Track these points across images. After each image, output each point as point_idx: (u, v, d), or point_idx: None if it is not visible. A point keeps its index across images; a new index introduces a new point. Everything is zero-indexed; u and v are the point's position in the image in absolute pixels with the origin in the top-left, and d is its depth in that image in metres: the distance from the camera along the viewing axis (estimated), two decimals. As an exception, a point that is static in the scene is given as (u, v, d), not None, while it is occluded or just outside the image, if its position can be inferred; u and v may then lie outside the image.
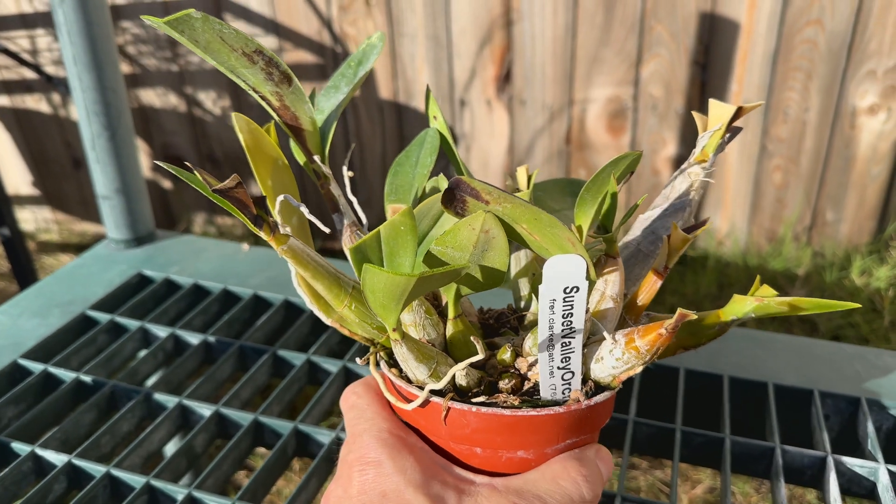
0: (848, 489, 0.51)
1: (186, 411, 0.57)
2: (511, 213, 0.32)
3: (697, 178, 0.38)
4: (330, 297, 0.36)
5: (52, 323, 0.67)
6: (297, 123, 0.37)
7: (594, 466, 0.36)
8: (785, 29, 1.35)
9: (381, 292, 0.30)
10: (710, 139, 0.38)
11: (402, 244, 0.32)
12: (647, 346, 0.33)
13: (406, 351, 0.34)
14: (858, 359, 0.61)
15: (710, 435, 0.53)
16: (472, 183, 0.30)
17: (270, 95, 0.35)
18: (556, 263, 0.30)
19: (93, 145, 0.77)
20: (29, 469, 0.51)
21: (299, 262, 0.34)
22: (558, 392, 0.35)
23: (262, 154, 0.38)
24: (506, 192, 0.31)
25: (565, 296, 0.31)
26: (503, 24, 1.45)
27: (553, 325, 0.32)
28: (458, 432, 0.34)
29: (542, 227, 0.32)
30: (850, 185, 1.47)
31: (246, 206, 0.32)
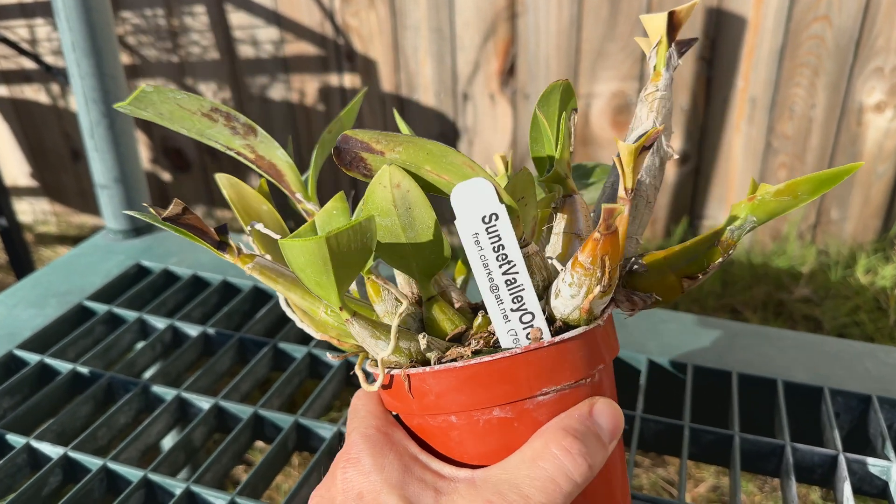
0: (859, 488, 0.50)
1: (185, 404, 0.56)
2: (410, 158, 0.31)
3: (654, 98, 0.35)
4: (305, 306, 0.35)
5: (48, 313, 0.65)
6: (277, 171, 0.38)
7: (585, 430, 0.31)
8: (792, 25, 1.33)
9: (306, 267, 0.29)
10: (657, 55, 0.35)
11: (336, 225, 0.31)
12: (590, 258, 0.30)
13: (359, 329, 0.32)
14: (868, 356, 0.60)
15: (718, 432, 0.52)
16: (359, 135, 0.30)
17: (243, 149, 0.36)
18: (460, 192, 0.29)
19: (91, 133, 0.76)
20: (24, 461, 0.50)
21: (268, 278, 0.34)
22: (521, 338, 0.32)
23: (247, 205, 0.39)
24: (394, 134, 0.30)
25: (487, 226, 0.30)
26: (507, 16, 1.43)
27: (487, 261, 0.30)
28: (425, 401, 0.32)
29: (438, 159, 0.31)
30: (856, 183, 1.46)
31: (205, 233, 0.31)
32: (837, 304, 1.41)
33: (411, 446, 0.34)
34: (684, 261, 0.35)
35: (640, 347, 0.60)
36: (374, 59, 1.55)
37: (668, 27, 0.35)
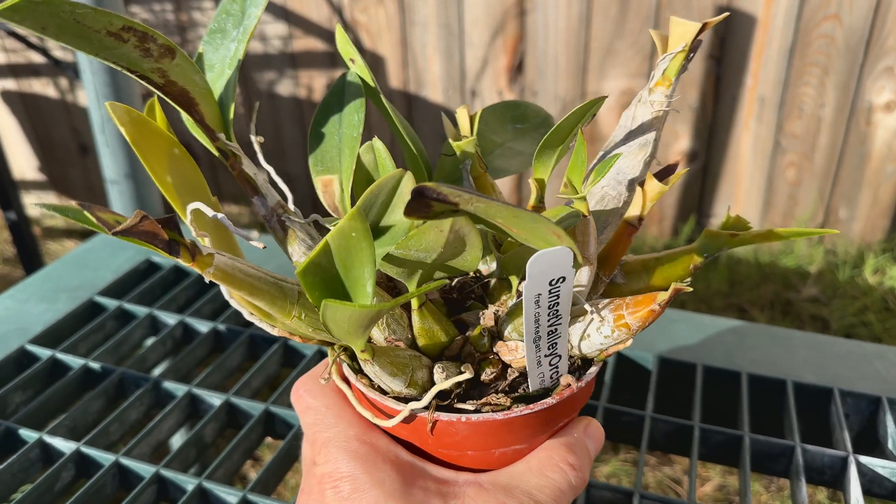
0: (868, 489, 0.50)
1: (196, 400, 0.56)
2: (484, 210, 0.28)
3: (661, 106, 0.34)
4: (274, 312, 0.31)
5: (59, 308, 0.66)
6: (190, 99, 0.32)
7: (582, 449, 0.34)
8: (802, 24, 1.33)
9: (345, 323, 0.28)
10: (672, 61, 0.33)
11: (357, 253, 0.28)
12: (639, 324, 0.31)
13: (378, 369, 0.31)
14: (878, 357, 0.60)
15: (728, 432, 0.52)
16: (438, 188, 0.27)
17: (151, 73, 0.29)
18: (542, 259, 0.28)
19: (102, 129, 0.76)
20: (37, 456, 0.51)
21: (232, 282, 0.29)
22: (546, 379, 0.33)
23: (154, 147, 0.33)
24: (477, 194, 0.27)
25: (551, 288, 0.29)
26: (516, 13, 1.43)
27: (539, 318, 0.30)
28: (446, 440, 0.32)
29: (523, 222, 0.29)
30: (864, 182, 1.45)
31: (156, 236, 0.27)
32: (845, 303, 1.41)
33: (402, 453, 0.33)
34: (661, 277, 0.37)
35: (650, 347, 0.60)
36: (382, 55, 1.55)
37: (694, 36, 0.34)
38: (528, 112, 0.43)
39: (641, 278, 0.37)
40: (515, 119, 0.42)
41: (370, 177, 0.35)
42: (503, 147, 0.41)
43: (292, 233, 0.34)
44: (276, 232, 0.34)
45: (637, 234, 0.35)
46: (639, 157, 0.35)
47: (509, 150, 0.41)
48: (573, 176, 0.32)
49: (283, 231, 0.34)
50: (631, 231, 0.34)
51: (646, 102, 0.34)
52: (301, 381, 0.36)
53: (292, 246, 0.34)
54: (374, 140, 0.35)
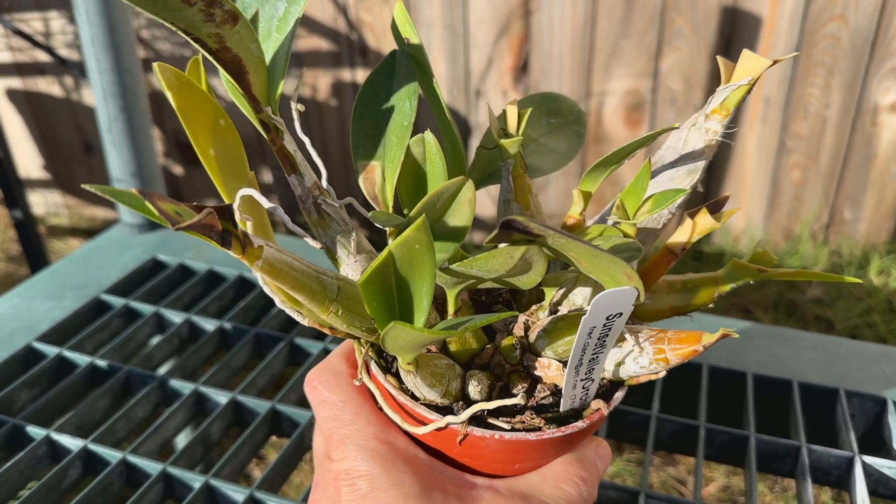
0: (875, 490, 0.50)
1: (202, 398, 0.56)
2: (563, 245, 0.27)
3: (715, 135, 0.33)
4: (314, 306, 0.30)
5: (66, 306, 0.66)
6: (240, 67, 0.30)
7: (593, 466, 0.35)
8: (807, 24, 1.33)
9: (405, 342, 0.27)
10: (734, 92, 0.33)
11: (419, 267, 0.27)
12: (679, 360, 0.31)
13: (419, 380, 0.31)
14: (884, 358, 0.60)
15: (734, 432, 0.52)
16: (526, 224, 0.26)
17: (207, 38, 0.28)
18: (608, 297, 0.28)
19: (109, 128, 0.76)
20: (44, 453, 0.51)
21: (277, 276, 0.28)
22: (577, 400, 0.33)
23: (200, 116, 0.31)
24: (560, 231, 0.26)
25: (606, 322, 0.29)
26: (521, 13, 1.43)
27: (587, 348, 0.30)
28: (473, 452, 0.32)
29: (600, 262, 0.28)
30: (870, 183, 1.45)
31: (213, 228, 0.26)
32: (850, 305, 1.41)
33: (419, 453, 0.33)
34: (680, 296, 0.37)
35: (656, 347, 0.60)
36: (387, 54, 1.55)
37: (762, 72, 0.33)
38: (563, 107, 0.42)
39: (665, 299, 0.37)
40: (550, 113, 0.42)
41: (417, 169, 0.34)
42: (537, 143, 0.41)
43: (326, 216, 0.33)
44: (309, 213, 0.34)
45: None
46: (685, 183, 0.34)
47: (543, 147, 0.41)
48: (628, 200, 0.32)
49: (317, 213, 0.33)
50: (671, 259, 0.34)
51: (700, 128, 0.34)
52: (315, 371, 0.36)
53: (326, 229, 0.33)
54: (427, 133, 0.33)
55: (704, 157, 0.34)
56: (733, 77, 0.33)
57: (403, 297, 0.28)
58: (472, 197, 0.29)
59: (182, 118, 0.30)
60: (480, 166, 0.39)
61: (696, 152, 0.34)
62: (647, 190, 0.32)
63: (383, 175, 0.34)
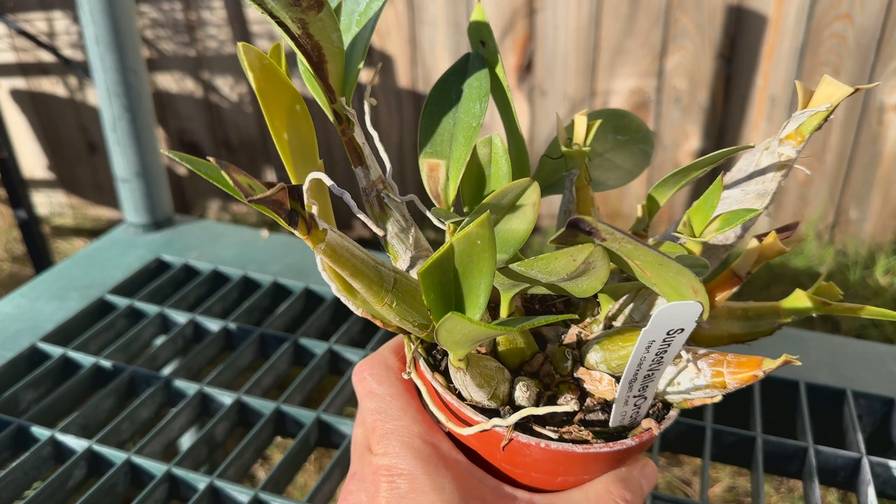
0: (882, 491, 0.50)
1: (207, 399, 0.56)
2: (628, 252, 0.27)
3: (789, 159, 0.32)
4: (369, 296, 0.31)
5: (70, 306, 0.66)
6: (320, 55, 0.30)
7: (638, 486, 0.34)
8: (813, 23, 1.32)
9: (460, 335, 0.27)
10: (811, 118, 0.31)
11: (479, 262, 0.27)
12: (737, 385, 0.30)
13: (469, 379, 0.31)
14: (891, 358, 0.60)
15: (741, 433, 0.51)
16: (594, 224, 0.26)
17: (291, 22, 0.28)
18: (671, 310, 0.27)
19: (113, 127, 0.76)
20: (49, 454, 0.51)
21: (338, 261, 0.29)
22: (627, 417, 0.32)
23: (278, 99, 0.32)
24: (628, 234, 0.26)
25: (667, 337, 0.28)
26: (526, 12, 1.43)
27: (643, 363, 0.29)
28: (516, 459, 0.32)
29: (665, 272, 0.28)
30: (876, 182, 1.45)
31: (282, 205, 0.26)
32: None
33: (462, 459, 0.33)
34: (740, 323, 0.36)
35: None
36: (391, 53, 1.55)
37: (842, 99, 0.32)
38: (630, 124, 0.42)
39: (724, 325, 0.37)
40: (617, 129, 0.41)
41: (482, 171, 0.34)
42: (602, 157, 0.41)
43: (388, 210, 0.34)
44: (371, 206, 0.34)
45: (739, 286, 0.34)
46: (754, 206, 0.33)
47: (608, 162, 0.40)
48: (695, 218, 0.31)
49: (379, 207, 0.34)
50: (736, 282, 0.33)
51: (773, 153, 0.33)
52: (366, 362, 0.36)
53: (386, 223, 0.34)
54: (495, 136, 0.34)
55: (775, 182, 0.33)
56: (811, 103, 0.32)
57: (460, 291, 0.28)
58: (536, 199, 0.29)
59: (261, 100, 0.31)
60: (544, 175, 0.39)
61: (767, 177, 0.33)
62: (716, 209, 0.32)
63: (447, 174, 0.34)
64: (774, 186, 0.33)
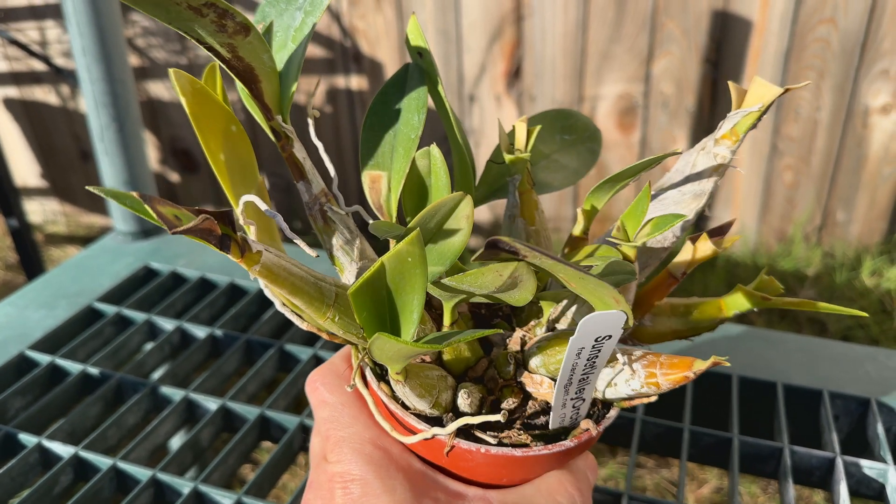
0: (856, 490, 0.50)
1: (192, 405, 0.57)
2: (550, 266, 0.28)
3: (724, 160, 0.33)
4: (311, 312, 0.31)
5: (58, 314, 0.67)
6: (253, 76, 0.31)
7: (585, 477, 0.35)
8: (797, 27, 1.34)
9: (391, 352, 0.28)
10: (745, 118, 0.32)
11: (410, 279, 0.27)
12: (670, 386, 0.31)
13: (408, 390, 0.31)
14: (869, 360, 0.60)
15: (718, 434, 0.52)
16: (513, 244, 0.26)
17: (220, 47, 0.29)
18: (595, 320, 0.28)
19: (101, 137, 0.77)
20: (35, 460, 0.51)
21: (275, 281, 0.29)
22: (567, 419, 0.33)
23: (212, 121, 0.32)
24: (546, 253, 0.27)
25: (595, 343, 0.29)
26: (514, 19, 1.44)
27: (576, 368, 0.30)
28: (461, 464, 0.33)
29: (587, 285, 0.28)
30: (862, 185, 1.46)
31: (212, 232, 0.26)
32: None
33: (415, 462, 0.33)
34: (683, 320, 0.37)
35: (642, 350, 0.60)
36: (380, 61, 1.56)
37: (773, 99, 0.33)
38: (577, 123, 0.42)
39: (668, 322, 0.38)
40: (564, 130, 0.42)
41: (422, 181, 0.34)
42: (549, 159, 0.41)
43: (332, 223, 0.34)
44: (315, 220, 0.34)
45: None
46: (691, 207, 0.34)
47: (554, 163, 0.41)
48: (628, 222, 0.32)
49: (323, 220, 0.34)
50: (672, 282, 0.34)
51: (709, 153, 0.34)
52: (318, 372, 0.36)
53: (331, 236, 0.34)
54: (433, 147, 0.34)
55: (712, 181, 0.34)
56: (744, 103, 0.32)
57: (394, 308, 0.28)
58: (470, 212, 0.30)
59: (194, 123, 0.31)
60: (489, 180, 0.39)
61: (703, 177, 0.34)
62: (647, 213, 0.32)
63: (389, 186, 0.34)
64: (710, 186, 0.33)
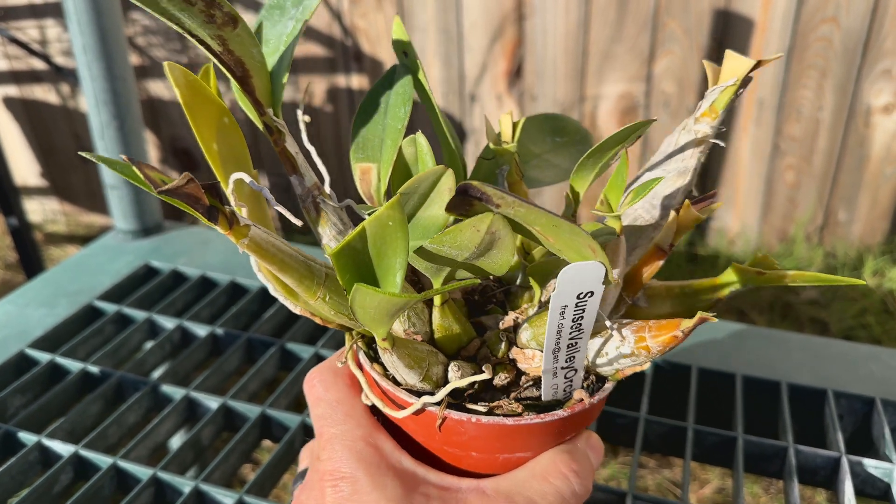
0: (861, 490, 0.50)
1: (193, 403, 0.56)
2: (524, 216, 0.28)
3: (705, 136, 0.34)
4: (301, 290, 0.32)
5: (59, 313, 0.66)
6: (244, 70, 0.31)
7: (585, 458, 0.34)
8: (799, 26, 1.33)
9: (373, 310, 0.28)
10: (722, 94, 0.33)
11: (392, 242, 0.28)
12: (660, 348, 0.31)
13: (396, 359, 0.31)
14: (873, 359, 0.60)
15: (722, 434, 0.52)
16: (483, 188, 0.27)
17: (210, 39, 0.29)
18: (573, 272, 0.28)
19: (101, 135, 0.77)
20: (35, 459, 0.51)
21: (264, 256, 0.30)
22: (560, 391, 0.33)
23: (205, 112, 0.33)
24: (521, 199, 0.27)
25: (578, 301, 0.29)
26: (515, 18, 1.44)
27: (562, 329, 0.30)
28: (453, 439, 0.33)
29: (561, 233, 0.29)
30: (863, 185, 1.45)
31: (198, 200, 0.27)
32: (844, 306, 1.41)
33: (405, 459, 0.33)
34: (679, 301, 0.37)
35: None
36: (381, 60, 1.56)
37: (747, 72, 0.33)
38: (568, 126, 0.43)
39: (664, 304, 0.38)
40: (555, 132, 0.42)
41: (409, 170, 0.35)
42: (540, 158, 0.41)
43: (324, 215, 0.35)
44: (308, 212, 0.35)
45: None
46: (676, 184, 0.34)
47: (546, 162, 0.41)
48: (611, 194, 0.32)
49: (315, 212, 0.35)
50: (660, 255, 0.34)
51: (690, 131, 0.34)
52: (316, 370, 0.36)
53: (323, 228, 0.35)
54: (418, 134, 0.35)
55: (694, 159, 0.34)
56: (720, 79, 0.33)
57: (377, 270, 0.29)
58: (452, 185, 0.30)
59: (188, 112, 0.32)
60: (481, 176, 0.39)
61: (686, 155, 0.34)
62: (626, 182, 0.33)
63: (379, 176, 0.35)
64: (694, 163, 0.34)
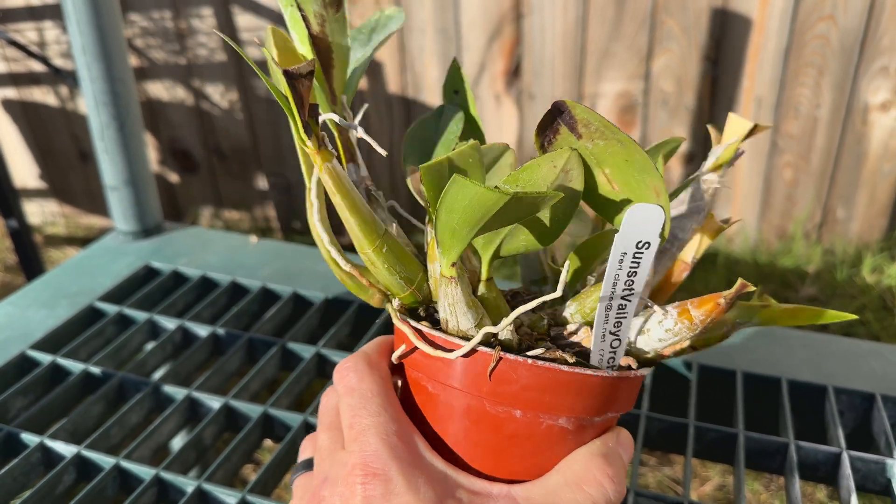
0: (862, 485, 0.50)
1: (195, 404, 0.56)
2: (600, 152, 0.29)
3: (712, 185, 0.39)
4: (362, 235, 0.32)
5: (60, 314, 0.66)
6: (329, 56, 0.32)
7: (618, 460, 0.33)
8: (797, 25, 1.34)
9: (459, 212, 0.27)
10: (725, 152, 0.39)
11: (472, 171, 0.29)
12: (703, 317, 0.31)
13: (460, 293, 0.30)
14: (874, 355, 0.60)
15: (723, 430, 0.52)
16: (576, 110, 0.28)
17: (313, 17, 0.30)
18: (638, 212, 0.28)
19: (101, 136, 0.77)
20: (38, 460, 0.51)
21: (339, 188, 0.30)
22: (605, 360, 0.32)
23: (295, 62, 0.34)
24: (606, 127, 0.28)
25: (636, 251, 0.29)
26: (513, 17, 1.44)
27: (617, 281, 0.30)
28: (502, 388, 0.31)
29: (631, 171, 0.29)
30: (862, 182, 1.46)
31: (302, 106, 0.27)
32: (843, 303, 1.41)
33: (437, 462, 0.32)
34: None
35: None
36: (380, 60, 1.56)
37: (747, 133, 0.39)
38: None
39: None
40: None
41: None
42: None
43: (376, 202, 0.36)
44: None
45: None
46: (690, 223, 0.40)
47: None
48: None
49: (367, 198, 0.36)
50: (685, 268, 0.39)
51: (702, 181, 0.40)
52: (350, 359, 0.35)
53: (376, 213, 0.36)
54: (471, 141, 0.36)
55: (705, 202, 0.40)
56: (723, 139, 0.39)
57: None
58: (513, 161, 0.33)
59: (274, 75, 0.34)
60: None
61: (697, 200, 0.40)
62: None
63: None
64: (705, 206, 0.40)
